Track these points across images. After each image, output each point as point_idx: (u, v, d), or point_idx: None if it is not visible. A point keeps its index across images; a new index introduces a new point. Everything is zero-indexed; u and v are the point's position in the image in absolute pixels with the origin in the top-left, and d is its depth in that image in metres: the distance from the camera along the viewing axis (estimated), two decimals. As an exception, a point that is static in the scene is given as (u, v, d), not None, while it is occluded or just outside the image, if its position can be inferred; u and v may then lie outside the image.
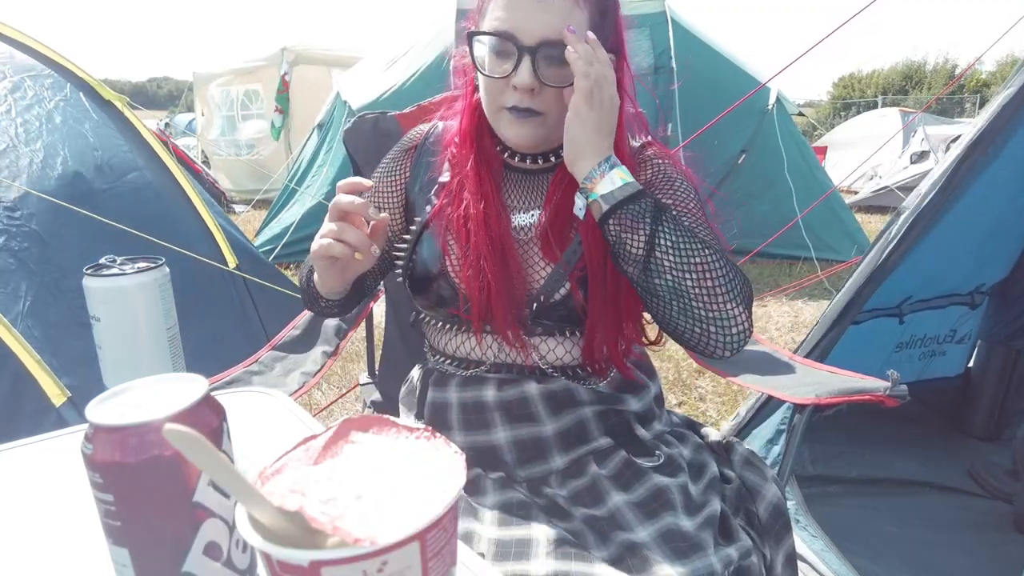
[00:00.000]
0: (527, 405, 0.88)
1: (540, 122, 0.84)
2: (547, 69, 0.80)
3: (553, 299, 0.87)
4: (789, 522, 0.89)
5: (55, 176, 1.99)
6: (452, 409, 0.91)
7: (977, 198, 1.52)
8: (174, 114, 14.76)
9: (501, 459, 0.89)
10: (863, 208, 7.80)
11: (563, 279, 0.87)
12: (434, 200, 0.94)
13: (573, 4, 0.79)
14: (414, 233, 0.94)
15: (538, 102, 0.82)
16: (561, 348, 0.90)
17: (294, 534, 0.34)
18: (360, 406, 1.53)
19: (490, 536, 0.78)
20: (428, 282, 0.91)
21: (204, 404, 0.44)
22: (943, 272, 1.93)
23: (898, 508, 1.83)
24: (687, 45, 4.85)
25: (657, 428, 0.95)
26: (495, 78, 0.82)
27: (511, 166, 0.94)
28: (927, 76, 29.15)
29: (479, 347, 0.91)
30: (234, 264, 2.33)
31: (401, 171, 1.00)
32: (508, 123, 0.85)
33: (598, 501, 0.85)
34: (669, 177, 0.91)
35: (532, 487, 0.89)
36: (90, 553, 0.51)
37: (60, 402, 1.58)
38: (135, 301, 0.59)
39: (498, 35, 0.80)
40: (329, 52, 8.46)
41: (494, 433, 0.89)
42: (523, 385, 0.88)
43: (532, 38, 0.79)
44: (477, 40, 0.83)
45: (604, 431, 0.91)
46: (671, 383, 2.88)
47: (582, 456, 0.90)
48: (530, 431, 0.88)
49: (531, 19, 0.78)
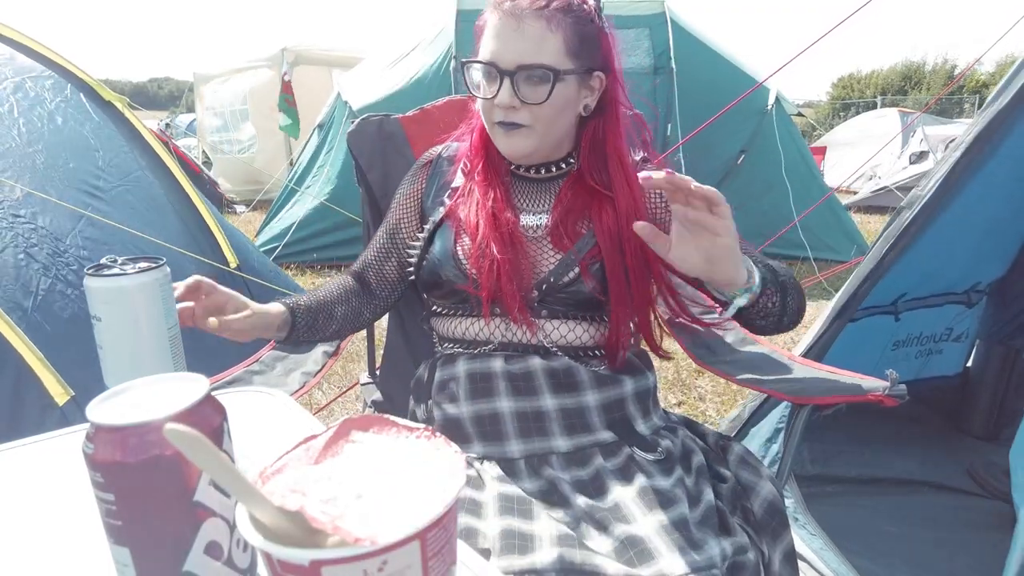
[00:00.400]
0: (531, 378, 0.95)
1: (525, 134, 0.95)
2: (526, 88, 0.92)
3: (562, 281, 0.96)
4: (786, 519, 0.90)
5: (57, 177, 2.00)
6: (460, 381, 0.98)
7: (973, 196, 1.52)
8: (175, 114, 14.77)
9: (503, 429, 0.93)
10: (862, 208, 7.79)
11: (573, 264, 0.96)
12: (447, 202, 1.06)
13: (546, 30, 0.91)
14: (428, 231, 1.05)
15: (521, 116, 0.94)
16: (566, 327, 0.98)
17: (295, 534, 0.34)
18: (360, 406, 1.53)
19: (494, 532, 0.79)
20: (440, 272, 1.01)
21: (205, 404, 0.44)
22: (938, 270, 1.93)
23: (897, 507, 1.83)
24: (687, 45, 4.85)
25: (654, 421, 1.00)
26: (484, 99, 0.95)
27: (519, 176, 1.05)
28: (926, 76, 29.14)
29: (487, 327, 0.99)
30: (235, 264, 2.33)
31: (418, 183, 1.13)
32: (499, 136, 0.98)
33: (601, 492, 0.87)
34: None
35: (532, 467, 0.91)
36: (91, 552, 0.52)
37: (63, 401, 1.59)
38: (136, 301, 0.59)
39: (483, 63, 0.94)
40: (329, 52, 8.45)
41: (498, 402, 0.95)
42: (528, 360, 0.96)
43: (510, 64, 0.91)
44: (469, 68, 0.97)
45: (606, 424, 0.95)
46: (671, 383, 2.88)
47: (587, 447, 0.93)
48: (532, 404, 0.94)
49: (509, 48, 0.91)
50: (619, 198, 0.98)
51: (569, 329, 0.98)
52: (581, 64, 0.94)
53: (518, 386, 0.95)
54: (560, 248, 0.98)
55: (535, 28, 0.90)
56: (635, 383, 0.99)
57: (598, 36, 0.96)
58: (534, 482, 0.90)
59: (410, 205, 1.13)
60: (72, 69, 2.31)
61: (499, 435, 0.94)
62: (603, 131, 0.99)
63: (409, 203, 1.13)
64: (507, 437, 0.94)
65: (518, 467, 0.92)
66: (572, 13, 0.92)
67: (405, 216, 1.13)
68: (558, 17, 0.91)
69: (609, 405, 0.96)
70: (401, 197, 1.14)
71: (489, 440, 0.95)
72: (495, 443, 0.94)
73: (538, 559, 0.75)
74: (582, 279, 0.96)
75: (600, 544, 0.79)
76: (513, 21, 0.91)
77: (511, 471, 0.92)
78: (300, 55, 8.08)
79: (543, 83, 0.91)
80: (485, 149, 1.04)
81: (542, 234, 1.00)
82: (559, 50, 0.91)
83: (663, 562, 0.75)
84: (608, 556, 0.77)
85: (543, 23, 0.90)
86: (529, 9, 0.90)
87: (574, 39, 0.92)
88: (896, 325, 2.01)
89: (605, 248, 0.95)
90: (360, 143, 1.35)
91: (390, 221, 1.15)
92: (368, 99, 4.72)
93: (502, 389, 0.95)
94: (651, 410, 1.01)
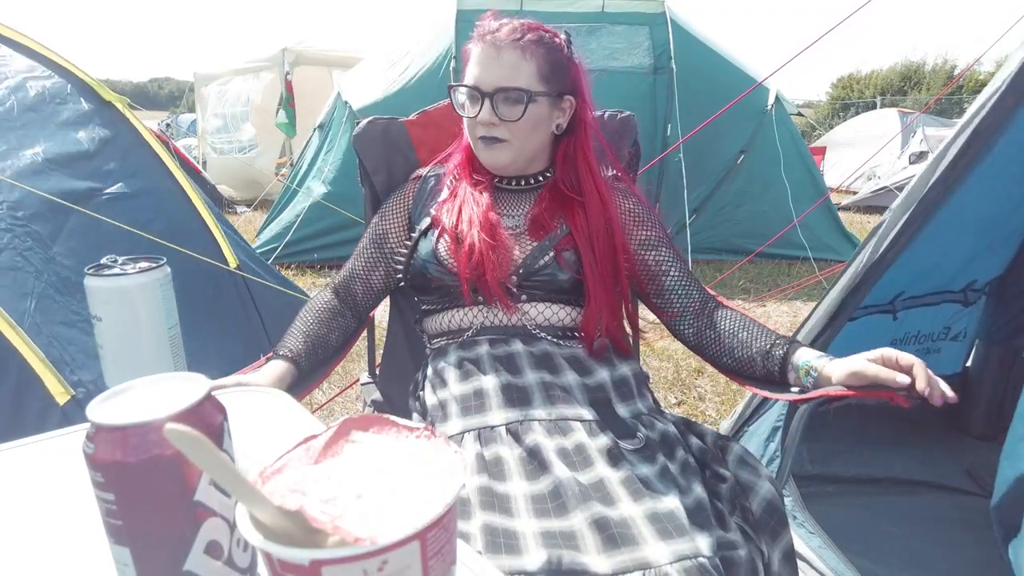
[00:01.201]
0: (514, 360, 1.04)
1: (504, 147, 1.10)
2: (503, 107, 1.07)
3: (538, 265, 1.08)
4: (785, 518, 0.90)
5: (57, 176, 2.00)
6: (450, 368, 1.06)
7: (969, 194, 1.52)
8: (175, 115, 14.75)
9: (486, 403, 0.99)
10: (862, 208, 7.80)
11: (547, 250, 1.09)
12: (433, 212, 1.17)
13: (520, 58, 1.06)
14: (415, 237, 1.16)
15: (499, 131, 1.09)
16: (547, 308, 1.10)
17: (295, 533, 0.34)
18: (360, 405, 1.53)
19: (474, 529, 0.79)
20: (425, 269, 1.12)
21: (205, 403, 0.44)
22: (934, 267, 1.93)
23: (897, 507, 1.83)
24: (687, 45, 4.85)
25: (637, 407, 1.03)
26: (469, 117, 1.10)
27: (500, 188, 1.18)
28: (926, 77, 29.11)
29: (470, 313, 1.10)
30: (235, 264, 2.33)
31: (406, 196, 1.24)
32: (481, 149, 1.12)
33: (585, 466, 0.88)
34: (646, 208, 1.19)
35: (513, 434, 0.93)
36: (91, 552, 0.52)
37: (64, 400, 1.59)
38: (136, 301, 0.59)
39: (467, 87, 1.09)
40: (329, 53, 8.45)
41: (484, 380, 1.02)
42: (511, 345, 1.06)
43: (490, 86, 1.07)
44: (455, 91, 1.12)
45: (588, 402, 0.99)
46: (670, 383, 2.88)
47: (568, 418, 0.95)
48: (516, 379, 1.01)
49: (489, 73, 1.07)
50: (589, 202, 1.12)
51: (547, 308, 1.10)
52: (552, 88, 1.09)
53: (502, 367, 1.02)
54: (536, 239, 1.11)
55: (512, 56, 1.06)
56: (611, 371, 1.06)
57: (567, 64, 1.11)
58: (516, 449, 0.91)
59: (398, 216, 1.23)
60: (72, 69, 2.31)
61: (482, 407, 0.98)
62: (574, 148, 1.15)
63: (397, 214, 1.23)
64: (489, 408, 0.97)
65: (499, 434, 0.93)
66: (544, 44, 1.08)
67: (393, 227, 1.23)
68: (532, 47, 1.07)
69: (590, 387, 1.02)
70: (388, 210, 1.24)
71: (471, 414, 0.97)
72: (477, 415, 0.97)
73: (527, 562, 0.74)
74: (557, 263, 1.08)
75: (580, 520, 0.79)
76: (493, 50, 1.07)
77: (492, 439, 0.93)
78: (300, 55, 8.08)
79: (518, 103, 1.06)
80: (471, 164, 1.18)
81: (521, 231, 1.13)
82: (533, 75, 1.07)
83: (648, 549, 0.76)
84: (591, 538, 0.77)
85: (519, 52, 1.06)
86: (507, 40, 1.06)
87: (545, 66, 1.08)
88: (894, 324, 2.01)
89: (580, 244, 1.09)
90: (366, 145, 1.35)
91: (377, 232, 1.24)
92: (368, 99, 4.72)
93: (488, 370, 1.03)
94: (635, 397, 1.04)
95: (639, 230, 1.16)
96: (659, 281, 1.15)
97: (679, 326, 1.15)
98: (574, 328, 1.10)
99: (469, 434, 0.95)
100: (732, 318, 1.10)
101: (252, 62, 8.48)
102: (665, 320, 1.18)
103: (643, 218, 1.17)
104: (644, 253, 1.15)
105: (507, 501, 0.84)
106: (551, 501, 0.83)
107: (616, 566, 0.74)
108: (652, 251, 1.16)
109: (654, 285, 1.16)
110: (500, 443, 0.92)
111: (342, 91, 5.00)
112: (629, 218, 1.16)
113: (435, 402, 1.04)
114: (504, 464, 0.89)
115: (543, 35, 1.09)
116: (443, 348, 1.11)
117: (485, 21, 1.10)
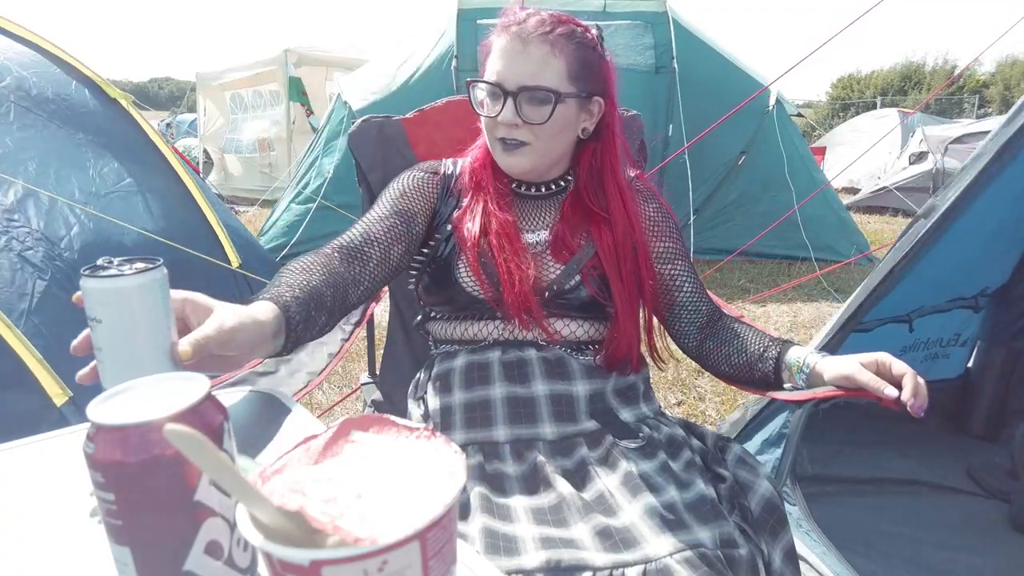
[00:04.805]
0: (524, 366, 0.99)
1: (526, 151, 0.99)
2: (528, 108, 0.96)
3: (566, 287, 1.01)
4: (785, 517, 0.90)
5: (58, 175, 1.99)
6: (457, 372, 1.01)
7: (986, 203, 1.51)
8: (176, 115, 14.75)
9: (492, 415, 0.96)
10: (862, 208, 7.79)
11: (574, 273, 1.02)
12: (454, 221, 1.07)
13: (549, 54, 0.95)
14: (432, 247, 1.06)
15: (522, 134, 0.98)
16: (568, 328, 1.03)
17: (295, 533, 0.34)
18: (361, 405, 1.53)
19: (473, 532, 0.79)
20: (446, 281, 1.03)
21: (205, 404, 0.44)
22: (950, 277, 1.93)
23: (897, 507, 1.83)
24: (689, 45, 4.85)
25: (642, 410, 1.02)
26: (489, 117, 0.99)
27: (520, 194, 1.08)
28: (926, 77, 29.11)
29: (486, 327, 1.03)
30: (237, 264, 2.33)
31: (432, 188, 1.10)
32: (499, 152, 1.01)
33: (585, 482, 0.88)
34: (665, 215, 1.13)
35: (517, 451, 0.93)
36: (92, 552, 0.52)
37: (61, 401, 1.59)
38: (134, 302, 0.58)
39: (488, 83, 0.97)
40: (331, 53, 8.46)
41: (492, 389, 0.98)
42: (524, 351, 1.00)
43: (514, 84, 0.95)
44: (474, 87, 1.00)
45: (590, 414, 0.97)
46: (671, 383, 2.88)
47: (572, 435, 0.95)
48: (524, 390, 0.97)
49: (513, 69, 0.95)
50: (617, 222, 1.03)
51: (568, 324, 1.03)
52: (582, 88, 0.98)
53: (512, 373, 0.98)
54: (560, 260, 1.03)
55: (540, 52, 0.94)
56: (619, 379, 1.03)
57: (599, 63, 1.01)
58: (518, 466, 0.91)
59: (426, 204, 1.07)
60: (77, 66, 2.31)
61: (487, 420, 0.96)
62: (600, 157, 1.05)
63: (425, 200, 1.07)
64: (495, 422, 0.96)
65: (503, 451, 0.93)
66: (576, 39, 0.97)
67: (422, 211, 1.06)
68: (562, 42, 0.95)
69: (594, 396, 0.99)
70: (413, 190, 1.07)
71: (476, 426, 0.96)
72: (482, 428, 0.96)
73: (525, 562, 0.74)
74: (583, 285, 1.01)
75: (582, 530, 0.79)
76: (519, 44, 0.95)
77: (495, 454, 0.93)
78: (302, 56, 8.09)
79: (545, 104, 0.95)
80: (492, 166, 1.07)
81: (542, 249, 1.05)
82: (561, 74, 0.96)
83: (648, 547, 0.76)
84: (592, 543, 0.77)
85: (547, 47, 0.95)
86: (535, 33, 0.94)
87: (576, 64, 0.97)
88: (910, 335, 2.01)
89: (608, 268, 1.02)
90: (361, 144, 1.35)
91: (401, 207, 1.05)
92: (368, 100, 4.72)
93: (496, 376, 0.98)
94: (639, 401, 1.04)
95: (657, 241, 1.10)
96: (672, 296, 1.10)
97: (683, 338, 1.13)
98: (592, 341, 1.05)
99: (472, 447, 0.94)
100: (730, 327, 1.09)
101: (254, 63, 8.48)
102: (670, 330, 1.16)
103: (662, 228, 1.11)
104: (660, 266, 1.10)
105: (507, 510, 0.84)
106: (551, 515, 0.83)
107: (616, 561, 0.74)
108: (668, 264, 1.10)
109: (666, 298, 1.11)
110: (503, 460, 0.92)
111: (342, 92, 5.00)
112: (649, 226, 1.10)
113: (438, 407, 1.01)
114: (506, 480, 0.89)
115: (575, 29, 0.98)
116: (452, 353, 1.06)
117: (510, 11, 0.98)
